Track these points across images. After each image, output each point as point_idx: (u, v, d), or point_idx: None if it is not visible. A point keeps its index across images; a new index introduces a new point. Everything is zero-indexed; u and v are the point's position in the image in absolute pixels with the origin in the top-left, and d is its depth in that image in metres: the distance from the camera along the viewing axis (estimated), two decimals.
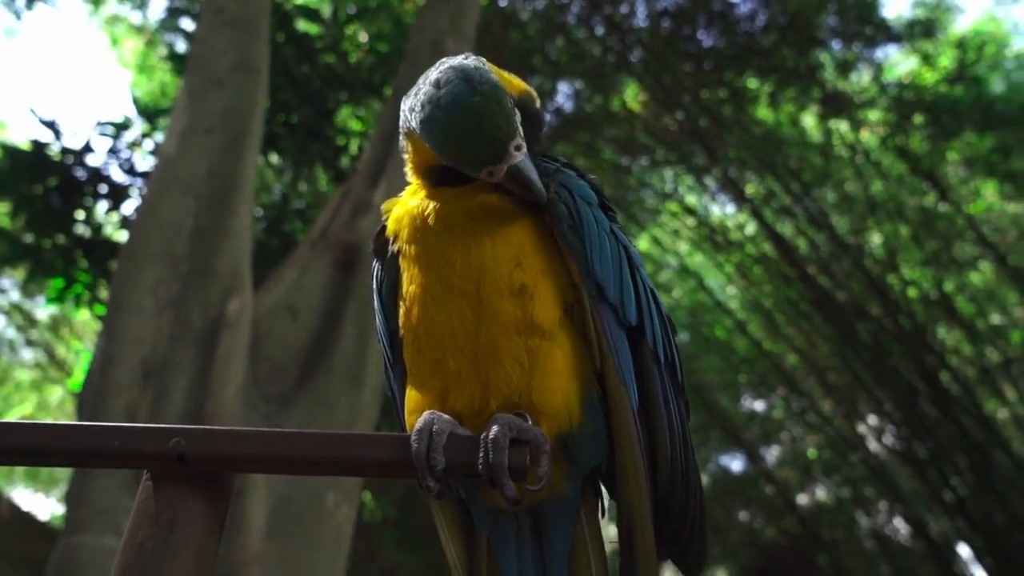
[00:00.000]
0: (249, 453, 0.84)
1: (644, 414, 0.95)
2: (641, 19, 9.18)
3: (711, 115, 8.98)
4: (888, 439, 9.75)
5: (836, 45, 8.88)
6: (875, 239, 9.21)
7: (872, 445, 9.94)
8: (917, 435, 8.96)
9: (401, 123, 1.03)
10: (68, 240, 6.16)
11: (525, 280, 0.92)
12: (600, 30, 9.21)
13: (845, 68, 8.80)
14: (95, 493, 3.03)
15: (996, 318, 9.52)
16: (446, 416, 0.88)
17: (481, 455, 0.83)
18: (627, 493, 0.91)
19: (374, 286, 1.07)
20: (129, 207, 6.49)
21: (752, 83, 9.12)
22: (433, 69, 0.97)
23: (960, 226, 8.77)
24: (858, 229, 9.28)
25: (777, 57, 8.80)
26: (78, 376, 7.43)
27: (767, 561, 11.99)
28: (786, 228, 9.06)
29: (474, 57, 0.98)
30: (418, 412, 0.93)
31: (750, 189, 9.42)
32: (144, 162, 6.86)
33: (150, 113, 7.00)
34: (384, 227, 1.07)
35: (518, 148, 0.91)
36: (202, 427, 0.85)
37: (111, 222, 6.67)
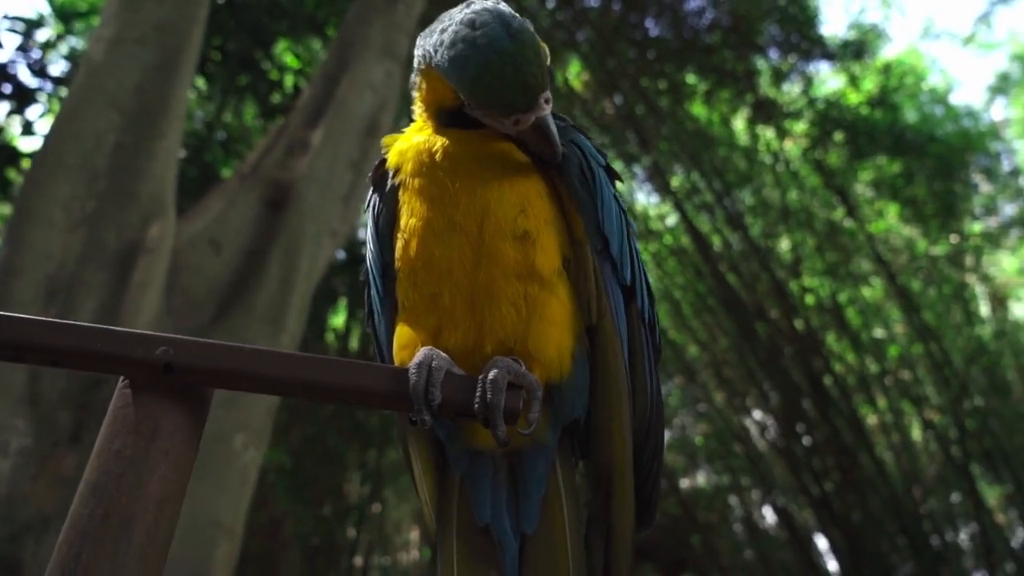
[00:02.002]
0: (239, 370, 0.82)
1: (630, 370, 0.99)
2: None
3: (648, 104, 9.14)
4: (770, 434, 10.34)
5: (773, 54, 9.20)
6: (783, 245, 9.66)
7: (755, 438, 10.52)
8: (795, 432, 9.55)
9: (417, 59, 1.01)
10: None
11: (528, 227, 0.94)
12: (552, 3, 9.17)
13: (779, 77, 9.13)
14: None
15: (879, 332, 10.19)
16: (443, 353, 0.89)
17: (478, 395, 0.84)
18: (611, 443, 0.95)
19: (370, 217, 1.06)
20: (35, 112, 6.04)
21: (691, 79, 9.33)
22: (460, 9, 0.96)
23: (860, 243, 9.31)
24: (769, 233, 9.70)
25: (717, 57, 9.03)
26: None
27: (644, 538, 12.56)
28: (704, 224, 9.37)
29: (502, 2, 0.97)
30: (410, 347, 0.93)
31: (675, 182, 9.67)
32: (56, 66, 6.38)
33: (67, 14, 6.50)
34: (384, 159, 1.05)
35: (547, 101, 0.92)
36: (191, 338, 0.82)
37: (12, 125, 6.19)
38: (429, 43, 0.97)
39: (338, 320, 9.51)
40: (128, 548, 0.72)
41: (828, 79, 9.69)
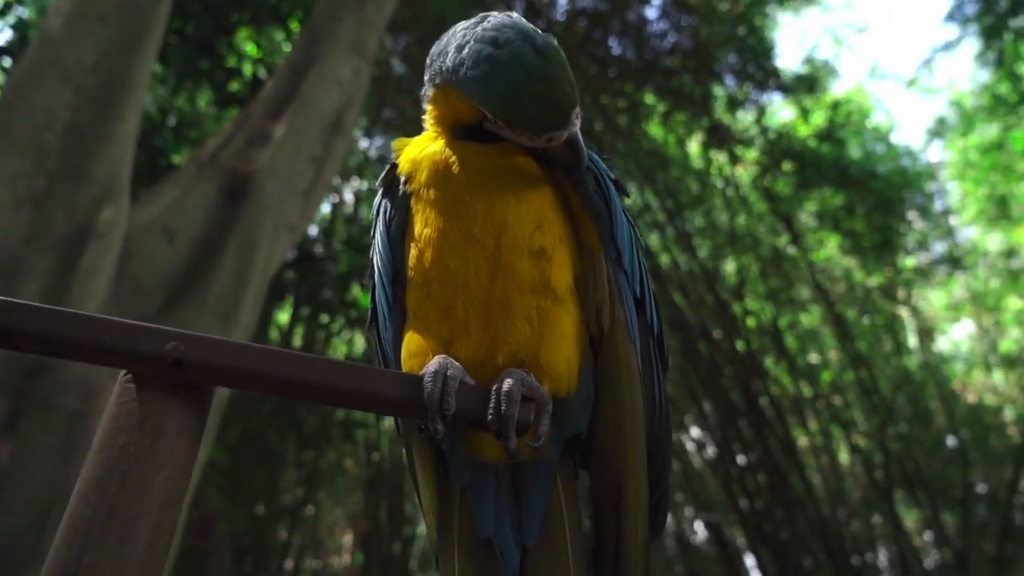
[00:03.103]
0: (252, 369, 0.79)
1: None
2: (560, 13, 9.30)
3: (607, 121, 9.27)
4: (707, 452, 10.56)
5: (730, 81, 9.45)
6: (729, 267, 9.91)
7: (691, 455, 10.73)
8: (731, 451, 9.78)
9: (430, 74, 1.00)
10: None
11: (544, 243, 0.94)
12: (518, 12, 9.22)
13: (734, 105, 9.38)
14: None
15: (814, 357, 10.53)
16: (457, 363, 0.89)
17: (492, 406, 0.84)
18: (621, 455, 0.96)
19: (381, 223, 1.04)
20: None
21: (649, 99, 9.50)
22: (476, 24, 0.95)
23: (802, 270, 9.62)
24: (716, 256, 9.94)
25: (676, 80, 9.23)
26: None
27: None
28: (654, 242, 9.54)
29: (515, 15, 0.97)
30: (421, 356, 0.92)
31: (628, 200, 9.81)
32: (2, 35, 6.10)
33: None
34: (395, 164, 1.04)
35: (577, 116, 0.92)
36: (203, 335, 0.80)
37: None
38: (446, 61, 0.95)
39: (283, 316, 9.33)
40: (132, 551, 0.69)
41: (780, 110, 10.01)
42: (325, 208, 9.81)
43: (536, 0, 9.03)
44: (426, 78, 1.02)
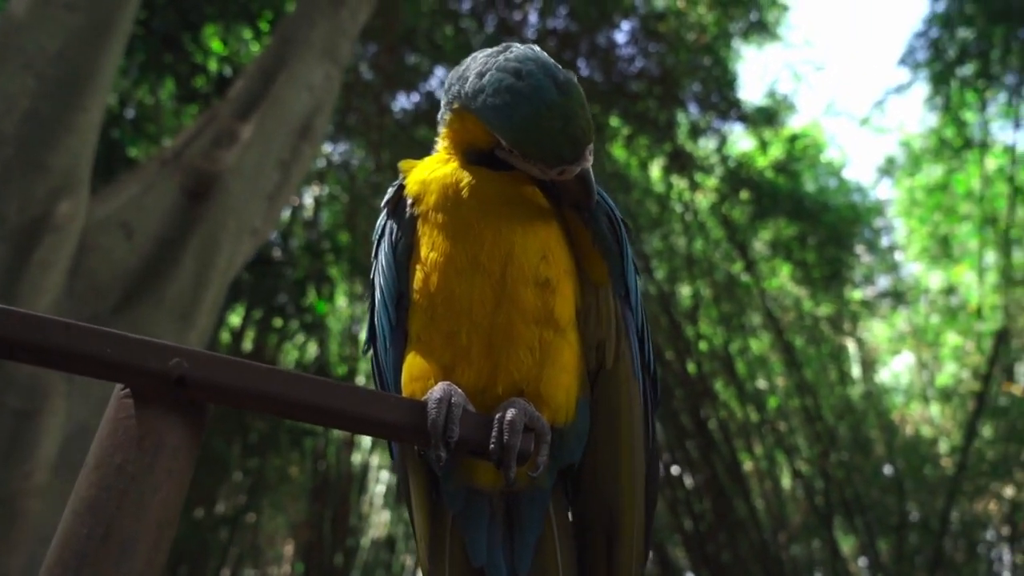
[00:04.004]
0: (256, 389, 0.78)
1: None
2: (531, 31, 9.38)
3: None
4: None
5: (693, 109, 9.65)
6: (684, 291, 10.08)
7: None
8: (679, 473, 9.91)
9: (448, 97, 1.01)
10: None
11: (550, 275, 0.95)
12: (490, 28, 9.28)
13: (696, 132, 9.58)
14: None
15: (762, 383, 10.76)
16: (460, 390, 0.89)
17: (494, 435, 0.84)
18: (616, 487, 0.97)
19: (387, 245, 1.04)
20: None
21: (614, 121, 9.64)
22: (498, 52, 0.96)
23: (754, 297, 9.84)
24: (672, 279, 10.10)
25: (641, 104, 9.39)
26: None
27: None
28: None
29: (536, 47, 0.99)
30: (423, 380, 0.92)
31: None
32: None
33: None
34: (402, 186, 1.04)
35: (590, 152, 0.94)
36: (206, 352, 0.78)
37: None
38: (465, 86, 0.96)
39: (235, 318, 9.13)
40: (129, 573, 0.67)
41: (740, 140, 10.25)
42: (284, 212, 9.67)
43: (508, 18, 9.10)
44: (444, 101, 1.03)
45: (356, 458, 11.08)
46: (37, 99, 3.47)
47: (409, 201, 1.02)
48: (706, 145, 9.77)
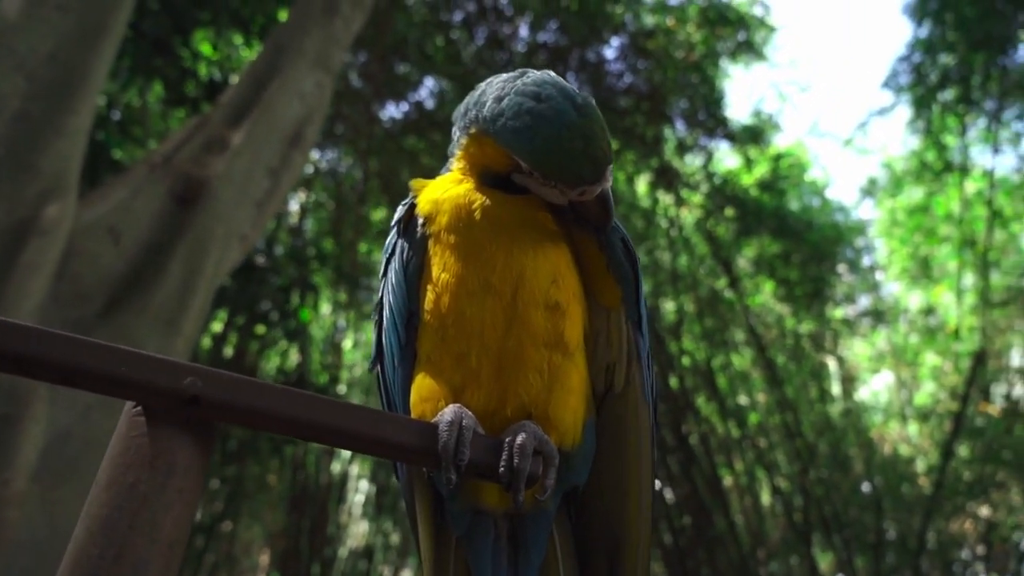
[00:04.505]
0: (269, 409, 0.78)
1: None
2: (521, 44, 9.44)
3: None
4: None
5: (680, 126, 9.74)
6: (668, 306, 10.13)
7: None
8: (660, 487, 9.94)
9: (464, 120, 1.02)
10: None
11: (560, 298, 0.96)
12: (480, 40, 9.33)
13: (683, 148, 9.66)
14: None
15: (743, 399, 10.83)
16: (470, 412, 0.89)
17: (504, 459, 0.84)
18: (622, 511, 0.97)
19: (398, 263, 1.04)
20: None
21: None
22: (515, 77, 0.98)
23: (737, 313, 9.92)
24: (657, 294, 10.15)
25: (629, 120, 9.46)
26: None
27: None
28: None
29: (552, 73, 1.00)
30: (432, 401, 0.92)
31: None
32: None
33: None
34: (413, 205, 1.04)
35: (610, 172, 0.95)
36: (220, 371, 0.78)
37: None
38: (483, 110, 0.97)
39: (216, 324, 9.05)
40: None
41: (726, 157, 10.36)
42: None
43: (499, 31, 9.15)
44: (459, 125, 1.03)
45: (336, 467, 11.01)
46: (27, 100, 3.43)
47: (420, 220, 1.02)
48: (692, 162, 9.86)
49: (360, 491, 11.57)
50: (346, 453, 10.67)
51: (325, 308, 10.72)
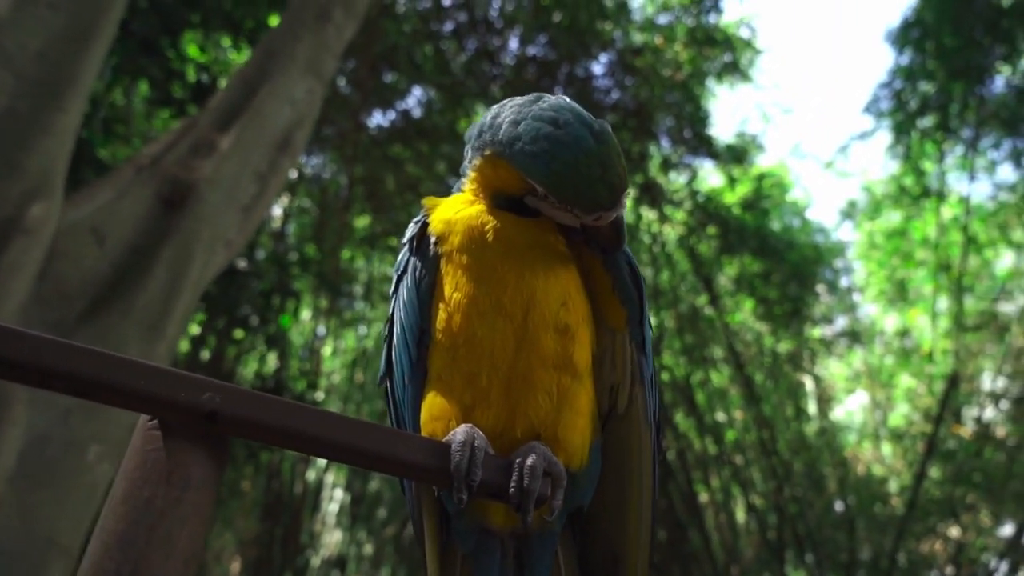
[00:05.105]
0: (287, 427, 0.78)
1: None
2: (510, 57, 9.49)
3: None
4: None
5: (666, 143, 9.83)
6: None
7: None
8: None
9: (478, 142, 1.03)
10: None
11: (569, 321, 0.97)
12: (470, 51, 9.36)
13: (667, 166, 9.75)
14: None
15: (721, 416, 10.90)
16: (481, 432, 0.89)
17: (515, 479, 0.85)
18: (623, 530, 0.98)
19: (410, 282, 1.04)
20: None
21: None
22: (531, 102, 0.98)
23: (717, 330, 9.99)
24: None
25: (616, 136, 9.53)
26: None
27: None
28: None
29: (566, 98, 1.01)
30: (443, 420, 0.92)
31: None
32: None
33: None
34: (426, 223, 1.05)
35: (625, 198, 0.96)
36: (238, 387, 0.78)
37: None
38: (499, 133, 0.98)
39: (193, 327, 8.95)
40: None
41: (710, 175, 10.47)
42: None
43: (489, 43, 9.20)
44: (473, 146, 1.04)
45: (311, 475, 10.90)
46: (15, 98, 3.39)
47: (433, 239, 1.03)
48: (676, 179, 9.95)
49: (335, 500, 11.46)
50: (321, 461, 10.57)
51: (305, 314, 10.65)
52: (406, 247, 1.07)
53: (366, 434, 0.82)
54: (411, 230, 1.07)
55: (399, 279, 1.07)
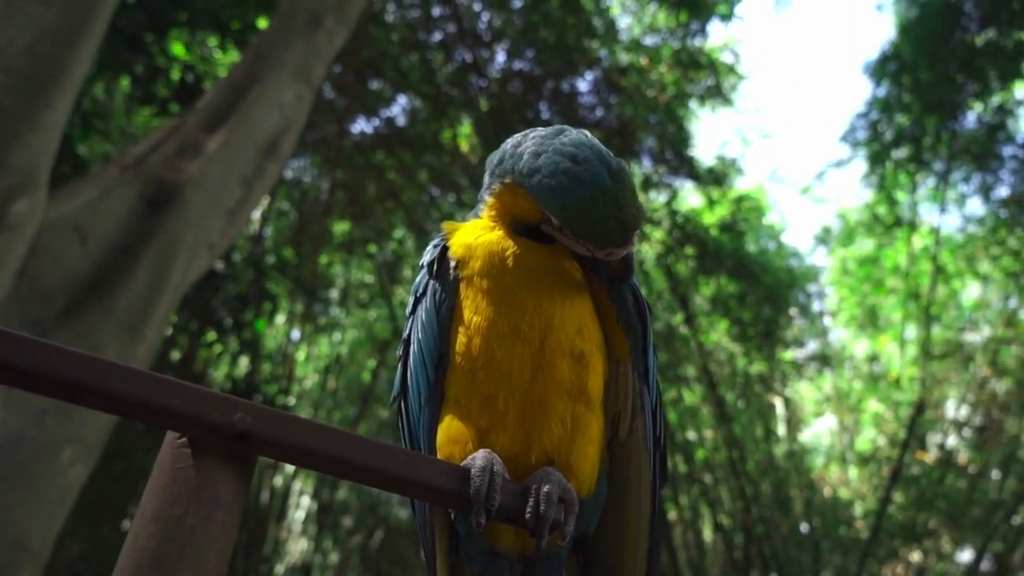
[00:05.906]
0: (316, 449, 0.79)
1: None
2: (496, 70, 9.54)
3: None
4: None
5: (647, 162, 9.94)
6: None
7: None
8: None
9: (499, 169, 1.05)
10: None
11: (584, 348, 0.99)
12: (457, 62, 9.40)
13: (648, 185, 9.85)
14: None
15: (692, 434, 10.99)
16: (498, 458, 0.91)
17: (531, 505, 0.87)
18: (621, 555, 1.00)
19: (430, 304, 1.05)
20: None
21: None
22: (554, 135, 1.01)
23: (691, 350, 10.09)
24: None
25: None
26: None
27: None
28: None
29: (588, 133, 1.03)
30: (461, 444, 0.94)
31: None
32: None
33: None
34: (446, 247, 1.06)
35: (637, 236, 0.98)
36: (268, 408, 0.78)
37: None
38: (520, 163, 1.00)
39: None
40: None
41: (689, 196, 10.59)
42: None
43: (477, 56, 9.24)
44: (493, 172, 1.06)
45: (278, 481, 10.77)
46: (2, 93, 3.34)
47: (453, 263, 1.04)
48: (656, 198, 10.05)
49: (301, 507, 11.33)
50: (289, 468, 10.44)
51: (280, 317, 10.55)
52: (424, 270, 1.08)
53: (390, 457, 0.83)
54: (430, 253, 1.08)
55: (417, 301, 1.08)
